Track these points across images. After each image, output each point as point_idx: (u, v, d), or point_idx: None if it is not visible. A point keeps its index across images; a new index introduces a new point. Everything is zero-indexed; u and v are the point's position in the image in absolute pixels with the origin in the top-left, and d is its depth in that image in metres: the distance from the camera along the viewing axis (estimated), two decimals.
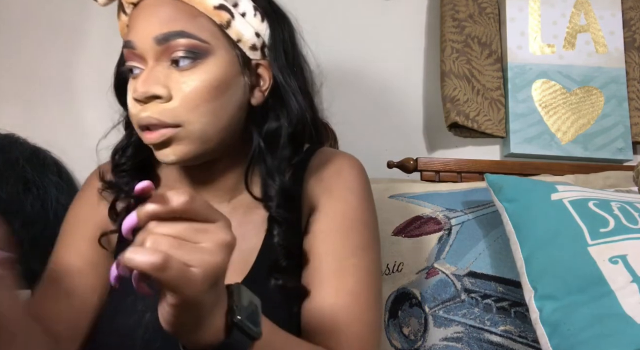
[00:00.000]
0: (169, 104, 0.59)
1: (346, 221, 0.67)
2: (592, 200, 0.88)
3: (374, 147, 1.37)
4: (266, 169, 0.65)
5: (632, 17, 1.41)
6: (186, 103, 0.59)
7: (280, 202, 0.64)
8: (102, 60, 1.38)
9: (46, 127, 1.30)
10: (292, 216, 0.66)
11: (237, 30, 0.62)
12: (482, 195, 1.07)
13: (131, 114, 0.61)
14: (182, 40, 0.59)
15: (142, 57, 0.60)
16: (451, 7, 1.38)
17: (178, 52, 0.59)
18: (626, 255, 0.78)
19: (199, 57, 0.59)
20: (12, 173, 1.09)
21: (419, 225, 1.05)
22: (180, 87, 0.59)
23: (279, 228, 0.65)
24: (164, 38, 0.59)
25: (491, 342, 0.90)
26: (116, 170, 0.70)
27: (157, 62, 0.60)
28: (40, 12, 1.38)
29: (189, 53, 0.59)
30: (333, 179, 0.70)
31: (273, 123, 0.65)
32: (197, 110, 0.59)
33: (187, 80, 0.59)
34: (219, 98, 0.60)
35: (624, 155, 1.33)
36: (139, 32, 0.60)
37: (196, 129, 0.60)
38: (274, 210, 0.65)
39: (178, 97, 0.59)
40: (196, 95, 0.59)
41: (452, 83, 1.33)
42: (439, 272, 0.98)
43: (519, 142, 1.33)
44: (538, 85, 1.36)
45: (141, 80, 0.58)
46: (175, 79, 0.59)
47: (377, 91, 1.41)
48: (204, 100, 0.59)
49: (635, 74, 1.38)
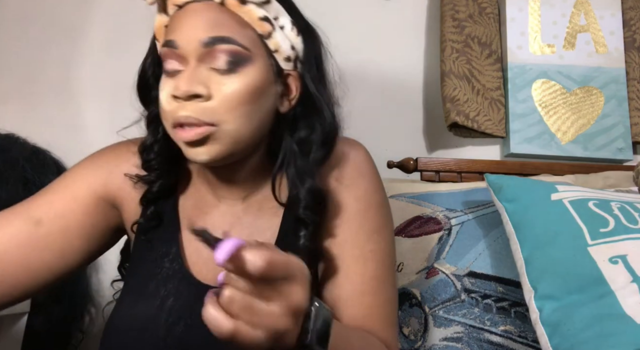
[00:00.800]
0: (208, 103, 0.61)
1: (360, 206, 0.71)
2: (592, 200, 0.88)
3: (374, 147, 1.36)
4: (296, 171, 0.68)
5: (632, 17, 1.41)
6: (225, 103, 0.61)
7: (308, 203, 0.67)
8: (101, 60, 1.39)
9: (46, 127, 1.30)
10: (320, 218, 0.68)
11: (276, 41, 0.65)
12: (482, 195, 1.07)
13: (165, 110, 0.63)
14: (227, 45, 0.62)
15: (183, 57, 0.62)
16: (451, 7, 1.38)
17: (221, 56, 0.62)
18: (626, 255, 0.78)
19: (240, 63, 0.62)
20: (12, 173, 1.09)
21: (419, 225, 1.05)
22: (220, 89, 0.61)
23: (305, 230, 0.67)
24: (211, 41, 0.61)
25: (491, 342, 0.89)
26: (146, 167, 0.72)
27: (199, 63, 0.62)
28: (40, 12, 1.39)
29: (232, 58, 0.62)
30: (342, 165, 0.73)
31: (306, 130, 0.69)
32: (234, 112, 0.62)
33: (227, 83, 0.62)
34: (254, 102, 0.63)
35: (624, 155, 1.33)
36: (185, 33, 0.62)
37: (231, 129, 0.62)
38: (302, 211, 0.67)
39: (217, 97, 0.61)
40: (235, 97, 0.61)
41: (452, 83, 1.33)
42: (439, 272, 0.98)
43: (519, 142, 1.33)
44: (538, 85, 1.36)
45: (184, 79, 0.60)
46: (215, 81, 0.62)
47: (377, 91, 1.41)
48: (241, 103, 0.62)
49: (635, 74, 1.38)
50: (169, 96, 0.62)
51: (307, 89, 0.69)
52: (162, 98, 0.63)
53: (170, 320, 0.64)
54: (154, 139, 0.71)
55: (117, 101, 1.39)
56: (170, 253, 0.70)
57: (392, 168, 1.29)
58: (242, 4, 0.63)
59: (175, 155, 0.70)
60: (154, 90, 0.69)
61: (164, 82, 0.64)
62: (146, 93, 0.71)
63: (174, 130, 0.63)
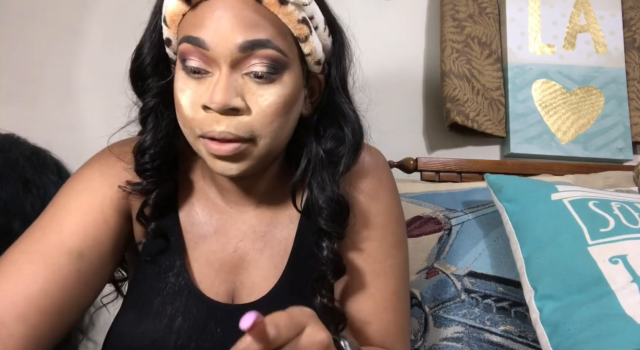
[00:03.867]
0: (246, 118, 0.55)
1: (384, 220, 0.69)
2: (592, 200, 0.88)
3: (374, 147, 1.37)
4: (321, 179, 0.63)
5: (632, 17, 1.41)
6: (262, 118, 0.55)
7: (330, 213, 0.63)
8: (101, 60, 1.39)
9: (46, 127, 1.30)
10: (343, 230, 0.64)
11: (311, 45, 0.59)
12: (482, 195, 1.07)
13: (190, 118, 0.56)
14: (267, 51, 0.54)
15: (213, 60, 0.55)
16: (451, 7, 1.38)
17: (260, 64, 0.55)
18: (626, 255, 0.78)
19: (278, 71, 0.56)
20: (12, 173, 1.08)
21: (419, 225, 1.05)
22: (258, 101, 0.55)
23: (328, 241, 0.63)
24: (250, 46, 0.54)
25: (491, 342, 0.89)
26: (140, 171, 0.64)
27: (232, 70, 0.55)
28: (40, 13, 1.38)
29: (270, 66, 0.55)
30: (363, 175, 0.69)
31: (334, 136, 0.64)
32: (271, 126, 0.56)
33: (264, 94, 0.55)
34: (288, 113, 0.58)
35: (624, 155, 1.33)
36: (217, 33, 0.54)
37: (266, 144, 0.57)
38: (324, 222, 0.63)
39: (255, 111, 0.55)
40: (272, 110, 0.55)
41: (452, 83, 1.33)
42: (439, 272, 0.98)
43: (519, 142, 1.33)
44: (538, 85, 1.36)
45: (220, 90, 0.53)
46: (251, 91, 0.55)
47: (377, 91, 1.41)
48: (278, 116, 0.56)
49: (635, 74, 1.38)
50: (196, 104, 0.55)
51: (333, 91, 0.64)
52: (183, 102, 0.56)
53: (180, 341, 0.60)
54: (153, 140, 0.63)
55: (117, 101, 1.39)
56: (174, 267, 0.65)
57: (392, 168, 1.29)
58: (282, 5, 0.55)
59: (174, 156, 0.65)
60: (151, 78, 0.62)
61: (185, 83, 0.56)
62: (141, 82, 0.63)
63: (202, 140, 0.56)
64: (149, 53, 0.62)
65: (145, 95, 0.63)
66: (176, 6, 0.57)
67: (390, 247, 0.69)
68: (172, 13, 0.57)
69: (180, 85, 0.57)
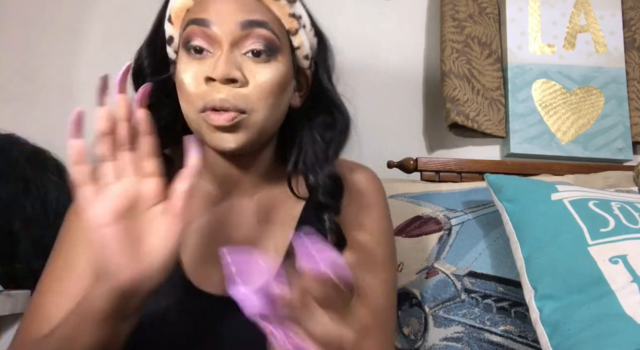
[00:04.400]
0: (243, 90, 0.60)
1: (374, 236, 0.72)
2: (592, 200, 0.88)
3: (374, 147, 1.37)
4: (316, 159, 0.69)
5: (632, 17, 1.41)
6: (258, 92, 0.61)
7: (327, 188, 0.68)
8: (102, 60, 1.39)
9: (46, 127, 1.30)
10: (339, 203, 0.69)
11: (300, 38, 0.67)
12: (482, 195, 1.07)
13: (192, 93, 0.61)
14: (264, 31, 0.61)
15: (215, 39, 0.61)
16: (451, 7, 1.38)
17: (257, 43, 0.61)
18: (626, 255, 0.78)
19: (273, 53, 0.62)
20: (12, 173, 1.09)
21: (419, 225, 1.05)
22: (255, 76, 0.61)
23: (328, 214, 0.68)
24: (249, 24, 0.61)
25: (491, 342, 0.89)
26: None
27: (233, 48, 0.61)
28: (40, 12, 1.39)
29: (267, 47, 0.61)
30: (363, 193, 0.74)
31: (325, 117, 0.71)
32: (265, 101, 0.61)
33: (261, 71, 0.61)
34: (280, 94, 0.64)
35: (624, 155, 1.33)
36: (220, 13, 0.61)
37: (260, 118, 0.62)
38: (322, 197, 0.68)
39: (252, 85, 0.61)
40: (267, 86, 0.61)
41: (452, 83, 1.33)
42: (439, 272, 0.98)
43: (519, 142, 1.33)
44: (538, 85, 1.36)
45: (223, 62, 0.59)
46: (249, 68, 0.61)
47: (377, 91, 1.41)
48: (272, 93, 0.62)
49: (635, 74, 1.38)
50: (199, 78, 0.60)
51: (322, 84, 0.71)
52: (186, 80, 0.61)
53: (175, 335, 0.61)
54: None
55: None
56: None
57: (392, 168, 1.29)
58: None
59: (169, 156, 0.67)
60: (149, 77, 0.67)
61: (188, 64, 0.61)
62: (142, 80, 0.67)
63: (203, 113, 0.60)
64: (149, 54, 0.68)
65: None
66: (182, 1, 0.64)
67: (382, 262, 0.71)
68: (178, 9, 0.64)
69: (183, 67, 0.62)
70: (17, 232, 1.04)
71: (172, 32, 0.66)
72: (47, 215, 1.09)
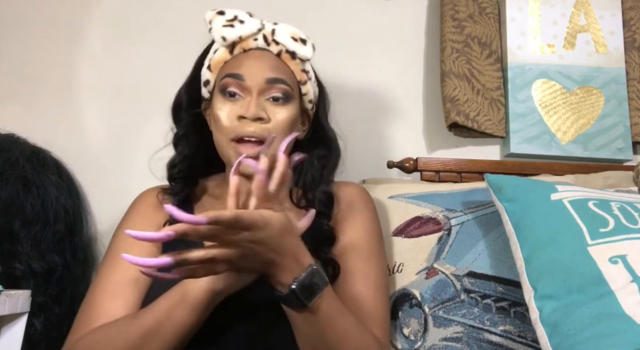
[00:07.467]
0: (267, 125, 0.82)
1: (367, 231, 0.88)
2: (592, 200, 0.88)
3: (374, 147, 1.37)
4: (312, 179, 0.88)
5: (632, 17, 1.41)
6: (278, 127, 0.82)
7: (323, 201, 0.87)
8: (101, 60, 1.39)
9: (46, 127, 1.30)
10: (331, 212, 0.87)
11: (307, 87, 0.90)
12: (482, 195, 1.07)
13: (227, 126, 0.82)
14: (283, 85, 0.84)
15: (247, 89, 0.83)
16: (451, 7, 1.38)
17: (278, 92, 0.84)
18: (626, 255, 0.78)
19: (288, 98, 0.85)
20: (12, 173, 1.09)
21: (419, 226, 1.05)
22: (275, 116, 0.83)
23: (325, 219, 0.85)
24: (273, 80, 0.83)
25: (491, 342, 0.90)
26: (170, 178, 0.90)
27: (260, 95, 0.83)
28: (40, 12, 1.39)
29: (284, 95, 0.84)
30: (352, 201, 0.91)
31: (323, 149, 0.91)
32: (283, 133, 0.81)
33: (279, 112, 0.83)
34: (292, 128, 0.85)
35: (624, 155, 1.33)
36: (252, 70, 0.83)
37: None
38: (319, 206, 0.85)
39: (274, 122, 0.82)
40: (284, 122, 0.83)
41: (452, 83, 1.33)
42: (439, 273, 0.98)
43: (519, 142, 1.33)
44: (538, 85, 1.36)
45: (253, 106, 0.81)
46: (270, 109, 0.83)
47: (377, 91, 1.41)
48: (287, 127, 0.83)
49: (635, 74, 1.38)
50: (233, 115, 0.82)
51: (320, 122, 0.93)
52: (222, 116, 0.82)
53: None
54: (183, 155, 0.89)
55: (117, 101, 1.39)
56: None
57: (392, 168, 1.29)
58: (293, 59, 0.87)
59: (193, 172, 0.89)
60: (184, 111, 0.90)
61: (223, 104, 0.83)
62: (177, 113, 0.91)
63: (233, 143, 0.81)
64: (190, 92, 0.91)
65: (179, 124, 0.91)
66: (222, 55, 0.87)
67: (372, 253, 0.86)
68: (217, 61, 0.87)
69: (219, 106, 0.84)
70: (17, 232, 1.04)
71: (209, 77, 0.88)
72: (47, 215, 1.09)
